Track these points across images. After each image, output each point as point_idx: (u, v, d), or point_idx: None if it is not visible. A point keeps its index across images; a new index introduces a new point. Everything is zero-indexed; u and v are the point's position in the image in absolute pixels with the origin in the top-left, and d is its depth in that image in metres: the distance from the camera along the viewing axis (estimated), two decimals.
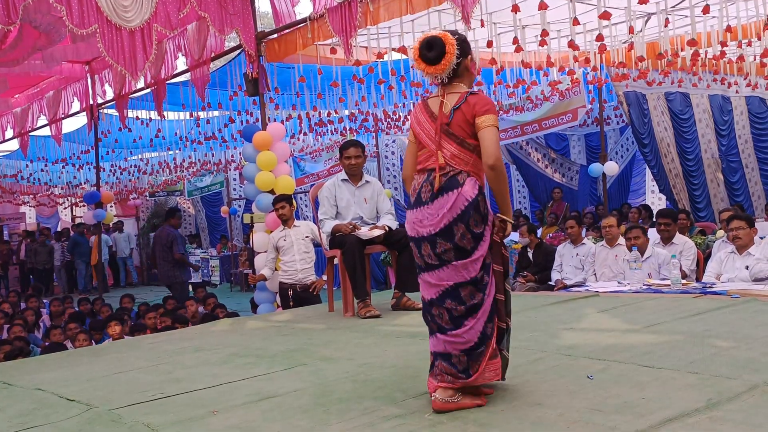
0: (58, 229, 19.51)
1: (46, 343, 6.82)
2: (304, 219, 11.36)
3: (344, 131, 13.10)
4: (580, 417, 2.34)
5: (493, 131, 2.53)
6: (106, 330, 6.78)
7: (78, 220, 19.54)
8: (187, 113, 11.37)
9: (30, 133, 12.17)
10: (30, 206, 20.72)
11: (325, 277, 5.61)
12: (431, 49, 2.57)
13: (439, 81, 2.64)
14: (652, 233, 6.57)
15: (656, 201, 12.95)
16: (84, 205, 16.98)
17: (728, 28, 7.33)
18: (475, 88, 2.70)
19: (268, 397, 2.85)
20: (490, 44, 7.52)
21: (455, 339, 2.52)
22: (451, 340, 2.53)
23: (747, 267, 5.21)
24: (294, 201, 6.40)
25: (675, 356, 3.04)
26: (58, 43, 7.93)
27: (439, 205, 2.54)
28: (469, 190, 2.53)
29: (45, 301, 10.30)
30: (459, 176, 2.55)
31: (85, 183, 17.43)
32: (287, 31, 7.46)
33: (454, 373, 2.52)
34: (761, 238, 5.66)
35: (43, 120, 11.40)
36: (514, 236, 8.20)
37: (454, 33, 2.63)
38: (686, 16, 7.68)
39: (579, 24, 7.14)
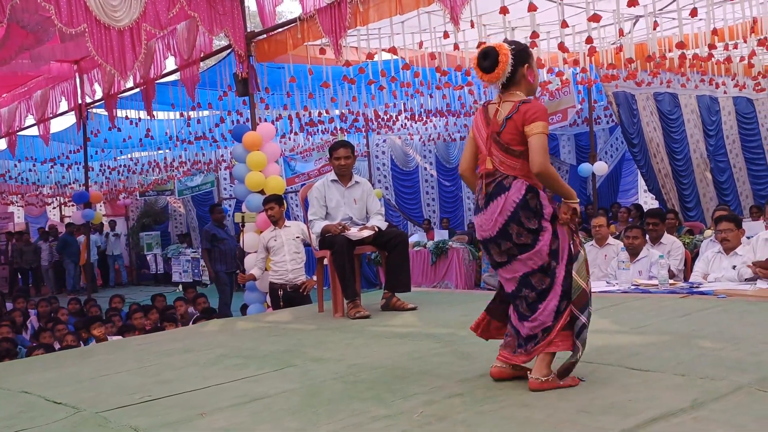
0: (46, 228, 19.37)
1: (34, 344, 6.78)
2: (295, 219, 11.33)
3: (335, 131, 13.09)
4: (568, 418, 2.36)
5: (540, 138, 2.67)
6: (90, 331, 6.74)
7: (67, 220, 19.42)
8: (177, 113, 11.33)
9: (18, 133, 12.08)
10: (18, 206, 20.58)
11: (315, 278, 5.60)
12: (485, 59, 2.76)
13: (498, 87, 2.81)
14: None
15: (649, 200, 12.99)
16: (73, 205, 16.88)
17: (715, 31, 7.38)
18: (531, 97, 2.83)
19: (257, 398, 2.84)
20: (480, 46, 7.53)
21: (534, 323, 2.73)
22: (531, 325, 2.73)
23: (734, 267, 5.25)
24: (284, 201, 6.37)
25: (662, 357, 3.07)
26: (46, 42, 7.87)
27: (491, 210, 2.76)
28: (515, 193, 2.71)
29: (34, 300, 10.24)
30: (505, 181, 2.74)
31: (74, 183, 17.33)
32: (277, 31, 7.44)
33: (528, 344, 2.74)
34: (748, 238, 5.71)
35: (31, 120, 11.33)
36: None
37: (511, 43, 2.80)
38: (674, 19, 7.72)
39: (568, 26, 7.17)
